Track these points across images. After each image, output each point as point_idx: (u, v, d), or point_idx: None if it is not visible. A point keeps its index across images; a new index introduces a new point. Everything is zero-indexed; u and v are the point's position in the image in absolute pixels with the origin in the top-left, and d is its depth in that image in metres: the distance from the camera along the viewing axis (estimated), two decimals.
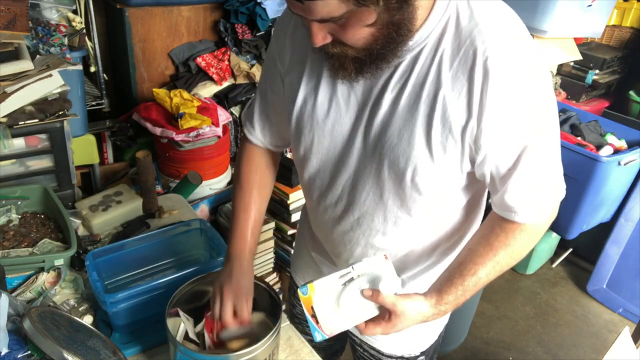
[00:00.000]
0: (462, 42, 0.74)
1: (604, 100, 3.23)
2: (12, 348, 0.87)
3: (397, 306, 0.80)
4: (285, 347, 1.09)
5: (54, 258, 1.17)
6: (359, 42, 0.72)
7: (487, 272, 0.85)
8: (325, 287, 0.81)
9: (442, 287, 0.86)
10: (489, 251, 0.85)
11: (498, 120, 0.75)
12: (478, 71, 0.73)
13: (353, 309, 0.82)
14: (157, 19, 2.28)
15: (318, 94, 0.88)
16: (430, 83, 0.77)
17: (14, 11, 1.52)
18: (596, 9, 2.88)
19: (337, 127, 0.88)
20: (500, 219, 0.86)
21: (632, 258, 2.57)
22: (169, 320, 0.94)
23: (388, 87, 0.80)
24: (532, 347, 2.42)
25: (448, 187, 0.86)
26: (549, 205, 0.85)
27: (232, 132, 2.41)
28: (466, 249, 0.89)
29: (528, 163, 0.79)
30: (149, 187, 1.45)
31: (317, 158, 0.94)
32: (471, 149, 0.79)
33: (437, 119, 0.77)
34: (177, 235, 1.23)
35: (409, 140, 0.80)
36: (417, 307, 0.83)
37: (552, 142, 0.81)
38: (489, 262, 0.85)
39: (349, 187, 0.92)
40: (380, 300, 0.80)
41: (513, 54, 0.73)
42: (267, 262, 2.19)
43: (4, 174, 1.45)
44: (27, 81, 1.42)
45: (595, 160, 2.25)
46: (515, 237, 0.85)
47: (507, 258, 0.86)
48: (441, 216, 0.94)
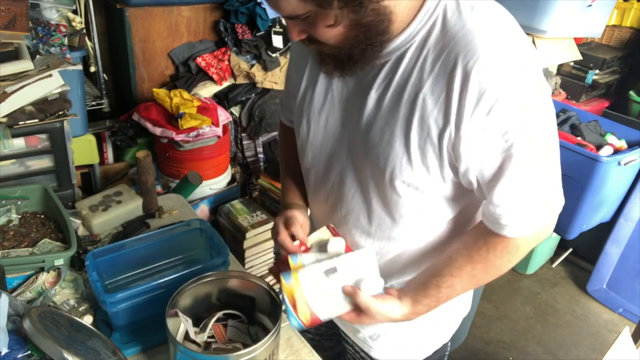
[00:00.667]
0: (445, 44, 0.72)
1: (604, 100, 3.23)
2: (12, 348, 0.87)
3: (370, 309, 0.82)
4: (285, 347, 1.09)
5: (54, 258, 1.17)
6: (330, 41, 0.73)
7: (462, 285, 0.85)
8: (309, 277, 0.82)
9: (417, 295, 0.86)
10: (467, 264, 0.83)
11: (476, 127, 0.72)
12: (457, 76, 0.70)
13: (332, 301, 0.83)
14: (157, 19, 2.28)
15: (316, 86, 0.90)
16: (412, 84, 0.76)
17: (14, 11, 1.52)
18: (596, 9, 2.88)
19: (330, 120, 0.89)
20: (485, 230, 0.83)
21: (632, 258, 2.57)
22: (169, 320, 0.94)
23: (374, 86, 0.81)
24: (532, 347, 2.42)
25: (430, 194, 0.84)
26: (538, 221, 0.80)
27: (232, 132, 2.41)
28: (446, 256, 0.87)
29: (514, 174, 0.75)
30: (149, 187, 1.45)
31: (312, 151, 0.95)
32: (450, 157, 0.77)
33: (415, 122, 0.76)
34: (177, 235, 1.23)
35: (389, 140, 0.80)
36: (387, 312, 0.84)
37: (544, 152, 0.76)
38: (466, 275, 0.84)
39: (338, 183, 0.93)
40: (357, 299, 0.82)
41: (496, 60, 0.69)
42: (267, 262, 2.19)
43: (4, 174, 1.45)
44: (27, 81, 1.42)
45: (595, 160, 2.25)
46: (497, 253, 0.82)
47: (485, 273, 0.84)
48: (427, 225, 0.91)
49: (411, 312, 0.86)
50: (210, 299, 1.06)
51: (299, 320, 0.82)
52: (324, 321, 0.84)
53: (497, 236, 0.81)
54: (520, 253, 0.83)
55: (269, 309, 1.05)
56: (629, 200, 2.55)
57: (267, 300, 1.04)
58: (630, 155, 2.34)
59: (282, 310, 1.00)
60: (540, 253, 2.83)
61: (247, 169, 2.51)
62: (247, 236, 2.05)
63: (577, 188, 2.33)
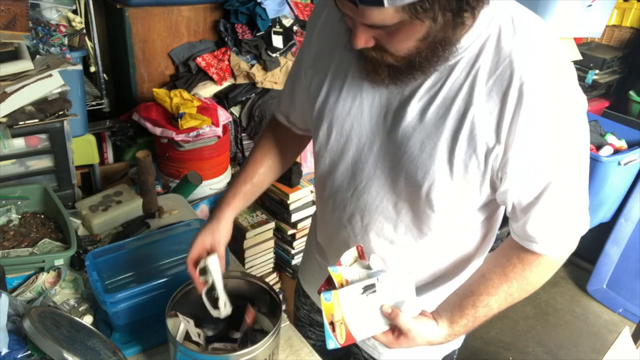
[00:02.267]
0: (500, 60, 0.71)
1: (604, 100, 3.23)
2: (12, 348, 0.87)
3: (411, 331, 0.79)
4: (285, 347, 1.09)
5: (54, 258, 1.16)
6: (402, 52, 0.70)
7: (499, 303, 0.83)
8: (348, 297, 0.79)
9: (454, 316, 0.83)
10: (503, 282, 0.83)
11: (526, 149, 0.72)
12: (512, 94, 0.70)
13: (369, 320, 0.81)
14: (157, 19, 2.27)
15: (342, 89, 0.85)
16: (462, 98, 0.74)
17: (14, 11, 1.52)
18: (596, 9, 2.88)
19: (356, 127, 0.85)
20: (519, 247, 0.83)
21: (632, 258, 2.57)
22: (169, 320, 0.94)
23: (416, 96, 0.78)
24: (532, 347, 2.42)
25: (463, 208, 0.84)
26: (570, 238, 0.83)
27: (232, 132, 2.41)
28: (480, 275, 0.86)
29: (553, 196, 0.76)
30: (149, 187, 1.45)
31: (330, 156, 0.91)
32: (493, 174, 0.77)
33: (463, 137, 0.74)
34: (177, 235, 1.23)
35: (431, 153, 0.77)
36: (428, 336, 0.82)
37: (580, 175, 0.79)
38: (502, 293, 0.83)
39: (361, 191, 0.89)
40: (398, 321, 0.78)
41: (552, 83, 0.70)
42: (267, 262, 2.19)
43: (4, 174, 1.45)
44: (27, 81, 1.42)
45: (595, 160, 2.25)
46: (532, 269, 0.82)
47: (520, 290, 0.84)
48: (453, 238, 0.91)
49: (449, 334, 0.83)
50: None
51: (336, 340, 0.79)
52: (359, 340, 0.81)
53: (531, 253, 0.82)
54: (552, 269, 0.85)
55: (269, 309, 1.05)
56: (629, 200, 2.55)
57: (267, 300, 1.04)
58: (630, 155, 2.35)
59: (282, 310, 1.00)
60: None
61: None
62: (247, 236, 2.05)
63: None
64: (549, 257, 0.82)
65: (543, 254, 0.82)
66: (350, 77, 0.85)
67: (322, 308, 0.79)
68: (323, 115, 0.89)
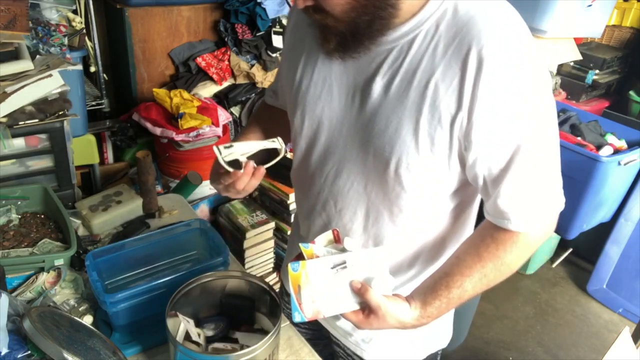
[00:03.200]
0: (458, 30, 0.72)
1: (604, 100, 3.23)
2: (12, 348, 0.87)
3: (380, 308, 0.77)
4: (285, 347, 1.09)
5: (54, 258, 1.17)
6: (336, 9, 0.72)
7: (473, 284, 0.81)
8: (317, 269, 0.78)
9: (427, 297, 0.82)
10: (477, 262, 0.81)
11: (490, 114, 0.72)
12: (472, 60, 0.70)
13: (338, 297, 0.79)
14: (157, 19, 2.28)
15: (313, 75, 0.88)
16: (423, 70, 0.75)
17: (14, 11, 1.52)
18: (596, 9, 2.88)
19: (326, 110, 0.87)
20: (493, 227, 0.82)
21: (632, 258, 2.57)
22: (169, 320, 0.94)
23: (380, 72, 0.79)
24: (532, 347, 2.42)
25: (433, 185, 0.83)
26: (544, 215, 0.80)
27: (232, 132, 2.41)
28: (454, 257, 0.85)
29: (522, 165, 0.75)
30: (149, 187, 1.45)
31: (305, 142, 0.93)
32: (460, 144, 0.76)
33: (426, 108, 0.75)
34: (177, 235, 1.23)
35: (397, 128, 0.78)
36: (399, 315, 0.79)
37: (549, 146, 0.77)
38: (477, 273, 0.81)
39: (333, 176, 0.90)
40: (367, 297, 0.77)
41: (511, 46, 0.71)
42: (267, 262, 2.19)
43: (4, 174, 1.45)
44: (27, 81, 1.42)
45: (595, 160, 2.25)
46: (507, 249, 0.80)
47: (496, 272, 0.82)
48: (424, 221, 0.90)
49: (421, 316, 0.81)
50: (210, 299, 1.06)
51: (302, 313, 0.77)
52: (327, 317, 0.79)
53: (504, 231, 0.80)
54: (528, 249, 0.82)
55: (269, 309, 1.05)
56: (629, 200, 2.55)
57: (267, 300, 1.04)
58: (630, 155, 2.34)
59: (282, 311, 1.00)
60: (540, 253, 2.83)
61: None
62: (247, 236, 2.05)
63: (577, 188, 2.33)
64: (524, 236, 0.80)
65: (517, 232, 0.79)
66: (319, 62, 0.87)
67: (289, 278, 0.76)
68: (297, 102, 0.91)
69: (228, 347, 1.01)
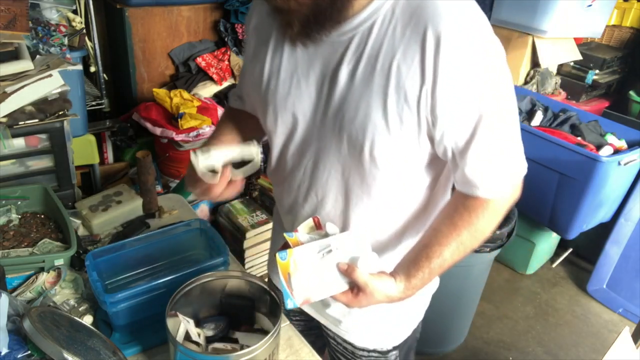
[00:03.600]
0: (413, 11, 0.76)
1: (604, 100, 3.23)
2: (12, 348, 0.87)
3: (368, 286, 0.81)
4: (285, 347, 1.09)
5: (54, 258, 1.17)
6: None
7: (451, 252, 0.85)
8: (304, 256, 0.81)
9: (410, 270, 0.86)
10: (452, 231, 0.85)
11: (452, 88, 0.76)
12: (429, 39, 0.74)
13: (326, 280, 0.82)
14: (157, 19, 2.28)
15: (280, 73, 0.89)
16: (384, 53, 0.78)
17: (14, 11, 1.52)
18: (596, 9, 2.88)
19: (297, 104, 0.89)
20: (463, 196, 0.86)
21: (632, 258, 2.57)
22: (169, 320, 0.94)
23: (344, 60, 0.81)
24: (532, 347, 2.42)
25: (407, 162, 0.86)
26: (510, 179, 0.85)
27: None
28: (431, 229, 0.89)
29: (485, 134, 0.79)
30: (149, 187, 1.45)
31: (280, 139, 0.95)
32: (428, 122, 0.79)
33: (392, 89, 0.78)
34: (177, 235, 1.23)
35: (366, 112, 0.80)
36: (385, 290, 0.83)
37: (508, 115, 0.81)
38: (454, 242, 0.85)
39: (311, 168, 0.92)
40: (354, 276, 0.80)
41: (465, 22, 0.74)
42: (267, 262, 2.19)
43: (4, 174, 1.45)
44: (27, 81, 1.42)
45: (595, 160, 2.25)
46: (478, 215, 0.85)
47: (471, 238, 0.86)
48: (402, 201, 0.93)
49: (407, 288, 0.85)
50: (210, 299, 1.06)
51: (294, 299, 0.80)
52: (317, 300, 0.82)
53: (474, 199, 0.85)
54: (498, 214, 0.87)
55: (269, 309, 1.05)
56: (629, 200, 2.55)
57: (267, 300, 1.04)
58: (630, 155, 2.34)
59: (282, 311, 1.00)
60: (540, 253, 2.83)
61: None
62: (247, 236, 2.05)
63: (577, 188, 2.33)
64: (493, 202, 0.85)
65: (486, 199, 0.84)
66: (285, 59, 0.89)
67: (279, 268, 0.79)
68: (267, 102, 0.92)
69: (228, 347, 1.01)
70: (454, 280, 2.01)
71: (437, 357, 2.30)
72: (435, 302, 1.17)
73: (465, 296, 2.13)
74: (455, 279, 2.01)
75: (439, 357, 2.30)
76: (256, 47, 0.95)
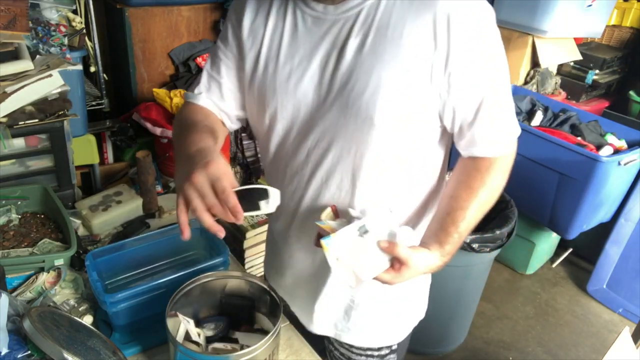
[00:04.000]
0: None
1: (604, 100, 3.23)
2: (12, 348, 0.87)
3: (410, 259, 0.81)
4: (285, 347, 1.09)
5: (54, 258, 1.17)
6: None
7: (474, 213, 0.88)
8: (346, 238, 0.81)
9: (440, 237, 0.88)
10: (470, 193, 0.89)
11: (465, 55, 0.79)
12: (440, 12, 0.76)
13: (370, 260, 0.82)
14: (157, 19, 2.28)
15: (280, 55, 0.88)
16: (395, 23, 0.79)
17: (14, 11, 1.52)
18: (596, 9, 2.88)
19: (300, 85, 0.87)
20: (472, 160, 0.91)
21: (632, 258, 2.57)
22: (169, 320, 0.94)
23: (351, 35, 0.82)
24: (532, 347, 2.42)
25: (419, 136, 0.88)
26: (511, 140, 0.91)
27: (232, 132, 2.41)
28: (447, 197, 0.92)
29: (491, 100, 0.84)
30: (149, 187, 1.45)
31: (282, 124, 0.92)
32: (440, 91, 0.82)
33: (404, 58, 0.79)
34: (177, 235, 1.22)
35: (377, 84, 0.80)
36: (425, 260, 0.85)
37: (507, 85, 0.87)
38: (474, 202, 0.88)
39: (315, 149, 0.90)
40: (396, 251, 0.80)
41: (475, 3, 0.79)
42: None
43: (4, 174, 1.45)
44: (27, 81, 1.42)
45: (595, 160, 2.25)
46: (490, 173, 0.89)
47: (488, 196, 0.89)
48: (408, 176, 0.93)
49: (442, 254, 0.87)
50: (210, 299, 1.06)
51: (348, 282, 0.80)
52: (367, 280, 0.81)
53: (483, 160, 0.90)
54: (506, 169, 0.92)
55: (269, 309, 1.05)
56: (629, 200, 2.54)
57: (267, 300, 1.04)
58: (630, 155, 2.34)
59: (282, 311, 1.00)
60: (540, 253, 2.83)
61: (247, 169, 2.51)
62: (247, 236, 2.05)
63: (577, 188, 2.33)
64: (500, 159, 0.90)
65: (494, 157, 0.89)
66: (285, 41, 0.88)
67: (327, 253, 0.79)
68: (265, 88, 0.90)
69: (228, 347, 1.01)
70: (454, 280, 2.01)
71: (437, 357, 2.30)
72: (435, 302, 1.17)
73: (465, 296, 2.13)
74: (455, 279, 2.01)
75: (439, 357, 2.30)
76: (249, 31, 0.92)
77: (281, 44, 0.89)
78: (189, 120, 0.94)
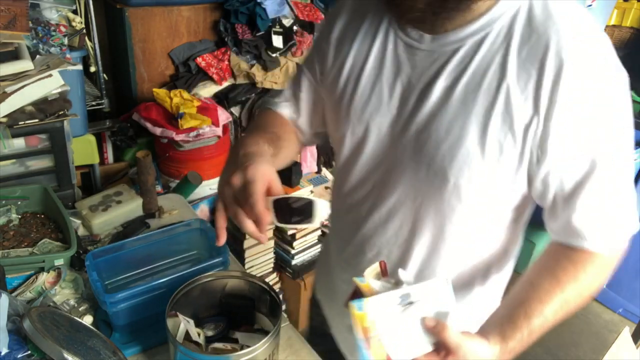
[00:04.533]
0: (533, 30, 0.67)
1: None
2: (12, 348, 0.87)
3: (461, 348, 0.66)
4: (285, 347, 1.09)
5: (54, 258, 1.16)
6: None
7: (554, 311, 0.73)
8: (383, 306, 0.66)
9: (505, 330, 0.73)
10: (555, 286, 0.73)
11: (569, 120, 0.66)
12: (550, 62, 0.65)
13: (408, 338, 0.68)
14: (157, 19, 2.28)
15: (361, 77, 0.81)
16: (494, 72, 0.69)
17: (14, 11, 1.52)
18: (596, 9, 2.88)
19: (375, 115, 0.80)
20: (566, 248, 0.76)
21: (632, 258, 2.55)
22: (169, 320, 0.94)
23: (442, 74, 0.72)
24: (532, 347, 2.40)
25: (495, 200, 0.76)
26: (620, 235, 0.75)
27: (232, 132, 2.41)
28: (527, 283, 0.77)
29: (600, 178, 0.69)
30: (149, 187, 1.45)
31: (349, 150, 0.85)
32: (532, 155, 0.70)
33: (497, 112, 0.68)
34: (177, 235, 1.23)
35: (460, 135, 0.71)
36: (480, 353, 0.69)
37: (626, 161, 0.71)
38: (557, 299, 0.73)
39: (379, 185, 0.82)
40: (444, 335, 0.65)
41: (591, 47, 0.66)
42: (267, 262, 2.19)
43: (4, 174, 1.45)
44: (27, 81, 1.42)
45: None
46: (586, 270, 0.74)
47: (576, 295, 0.74)
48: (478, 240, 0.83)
49: (503, 351, 0.72)
50: (210, 299, 1.06)
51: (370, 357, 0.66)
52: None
53: (580, 252, 0.75)
54: (606, 270, 0.77)
55: (269, 309, 1.05)
56: None
57: (267, 300, 1.04)
58: None
59: (282, 311, 1.00)
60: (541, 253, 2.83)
61: None
62: (247, 236, 2.05)
63: None
64: (600, 256, 0.75)
65: (594, 252, 0.74)
66: (372, 58, 0.80)
67: (354, 320, 0.65)
68: (341, 109, 0.84)
69: (228, 347, 1.01)
70: None
71: None
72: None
73: None
74: None
75: None
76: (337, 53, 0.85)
77: (365, 64, 0.80)
78: (255, 125, 0.93)
